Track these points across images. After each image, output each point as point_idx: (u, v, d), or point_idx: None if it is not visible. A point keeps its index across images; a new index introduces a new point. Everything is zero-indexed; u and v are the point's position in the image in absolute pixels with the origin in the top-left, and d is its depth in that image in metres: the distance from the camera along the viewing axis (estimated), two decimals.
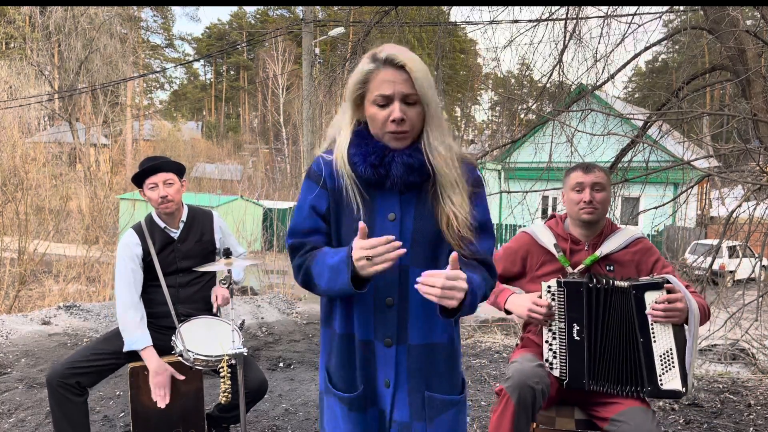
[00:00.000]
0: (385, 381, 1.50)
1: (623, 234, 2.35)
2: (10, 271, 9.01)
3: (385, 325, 1.48)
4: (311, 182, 1.54)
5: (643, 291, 2.10)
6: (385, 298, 1.48)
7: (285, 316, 6.76)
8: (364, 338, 1.50)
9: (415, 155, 1.45)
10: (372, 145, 1.46)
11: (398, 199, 1.49)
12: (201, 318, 2.74)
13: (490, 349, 5.57)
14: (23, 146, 13.77)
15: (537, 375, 2.10)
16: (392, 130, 1.43)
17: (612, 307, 2.16)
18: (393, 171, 1.44)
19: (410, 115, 1.43)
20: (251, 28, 48.60)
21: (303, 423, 3.58)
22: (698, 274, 4.87)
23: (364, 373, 1.51)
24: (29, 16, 28.12)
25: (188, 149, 38.65)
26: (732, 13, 4.23)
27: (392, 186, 1.46)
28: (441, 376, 1.52)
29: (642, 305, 2.10)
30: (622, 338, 2.15)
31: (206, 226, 2.88)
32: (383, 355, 1.49)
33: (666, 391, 2.08)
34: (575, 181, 2.31)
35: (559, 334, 2.22)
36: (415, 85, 1.41)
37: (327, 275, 1.42)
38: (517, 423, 2.06)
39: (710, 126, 7.89)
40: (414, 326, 1.49)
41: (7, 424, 3.47)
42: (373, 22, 6.23)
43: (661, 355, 2.09)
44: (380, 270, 1.32)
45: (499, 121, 22.42)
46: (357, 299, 1.48)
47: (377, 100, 1.43)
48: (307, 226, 1.53)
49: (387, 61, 1.43)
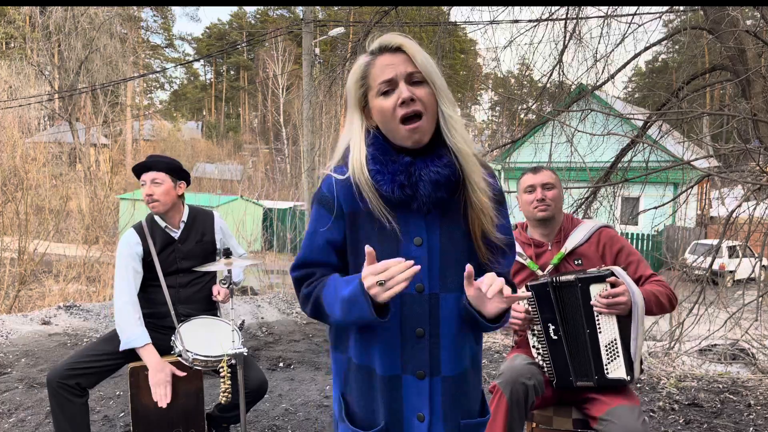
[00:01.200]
0: (418, 415, 1.38)
1: (585, 226, 2.38)
2: (10, 271, 9.01)
3: (415, 357, 1.37)
4: (322, 209, 1.40)
5: (588, 284, 2.12)
6: (416, 329, 1.36)
7: (285, 316, 6.76)
8: (388, 374, 1.37)
9: (442, 169, 1.33)
10: (398, 162, 1.34)
11: (424, 220, 1.37)
12: (201, 318, 2.74)
13: (490, 349, 5.57)
14: (23, 146, 13.78)
15: (529, 372, 2.11)
16: (403, 114, 1.30)
17: (567, 302, 2.18)
18: (420, 190, 1.32)
19: (419, 94, 1.30)
20: (251, 28, 48.58)
21: (303, 423, 3.58)
22: (698, 274, 4.87)
23: (387, 408, 1.39)
24: (29, 16, 28.12)
25: (188, 149, 38.65)
26: (732, 13, 4.24)
27: (420, 207, 1.35)
28: (472, 400, 1.46)
29: (587, 297, 2.13)
30: (581, 332, 2.18)
31: (207, 226, 2.88)
32: (414, 388, 1.38)
33: (611, 379, 2.12)
34: (526, 184, 2.38)
35: (538, 337, 2.24)
36: (417, 63, 1.31)
37: (341, 307, 1.30)
38: (511, 419, 2.07)
39: (710, 126, 7.89)
40: (446, 357, 1.39)
41: (7, 424, 3.48)
42: (373, 22, 6.23)
43: (606, 345, 2.12)
44: (395, 293, 1.21)
45: (499, 121, 22.40)
46: (379, 332, 1.36)
47: (381, 89, 1.32)
48: (319, 259, 1.41)
49: (382, 48, 1.35)
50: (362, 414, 1.42)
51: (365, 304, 1.24)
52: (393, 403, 1.38)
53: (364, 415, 1.41)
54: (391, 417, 1.39)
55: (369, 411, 1.41)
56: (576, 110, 5.14)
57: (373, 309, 1.23)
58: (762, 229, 4.62)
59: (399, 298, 1.35)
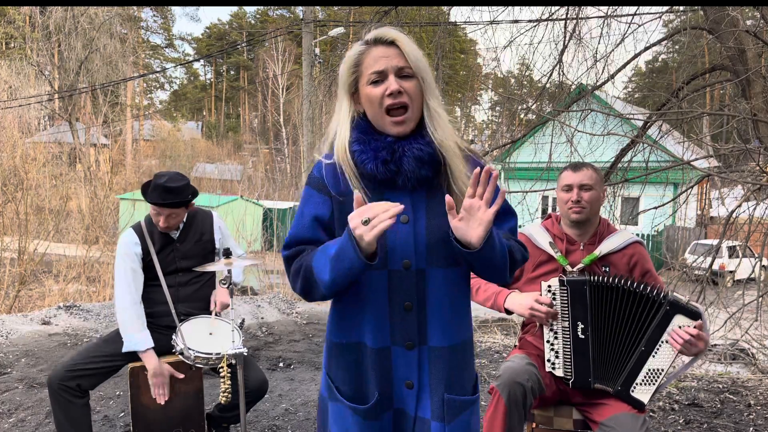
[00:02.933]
0: (406, 383, 1.46)
1: (621, 235, 2.35)
2: (10, 271, 9.01)
3: (404, 329, 1.44)
4: (312, 189, 1.48)
5: (677, 311, 2.05)
6: (404, 303, 1.43)
7: (285, 316, 6.76)
8: (379, 346, 1.44)
9: (425, 147, 1.40)
10: (380, 140, 1.41)
11: (410, 198, 1.43)
12: (201, 317, 2.74)
13: (490, 349, 5.57)
14: (23, 146, 13.78)
15: (527, 372, 2.10)
16: (390, 104, 1.37)
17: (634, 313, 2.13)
18: (405, 166, 1.39)
19: (407, 87, 1.38)
20: (251, 28, 48.60)
21: (303, 423, 3.58)
22: (698, 274, 4.87)
23: (378, 380, 1.46)
24: (29, 16, 28.11)
25: (188, 149, 38.67)
26: (732, 13, 4.24)
27: (404, 183, 1.41)
28: (459, 377, 1.50)
29: (666, 322, 2.06)
30: (626, 342, 2.14)
31: (206, 226, 2.88)
32: (404, 358, 1.45)
33: (631, 398, 2.09)
34: (564, 182, 2.34)
35: (562, 333, 2.21)
36: (408, 59, 1.38)
37: (330, 266, 1.33)
38: (510, 421, 2.06)
39: (710, 126, 7.89)
40: (436, 329, 1.45)
41: (7, 424, 3.47)
42: (373, 22, 6.23)
43: (650, 371, 2.09)
44: (380, 231, 1.23)
45: (499, 121, 22.41)
46: (369, 307, 1.43)
47: (371, 78, 1.39)
48: (307, 236, 1.46)
49: (377, 40, 1.41)
50: (353, 392, 1.48)
51: (352, 249, 1.27)
52: (384, 373, 1.45)
53: (356, 393, 1.48)
54: (382, 388, 1.45)
55: (361, 388, 1.48)
56: (576, 110, 5.14)
57: (360, 252, 1.27)
58: (762, 229, 4.62)
59: (387, 274, 1.41)
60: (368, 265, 1.30)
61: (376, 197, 1.42)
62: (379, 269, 1.41)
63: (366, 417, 1.46)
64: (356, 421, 1.47)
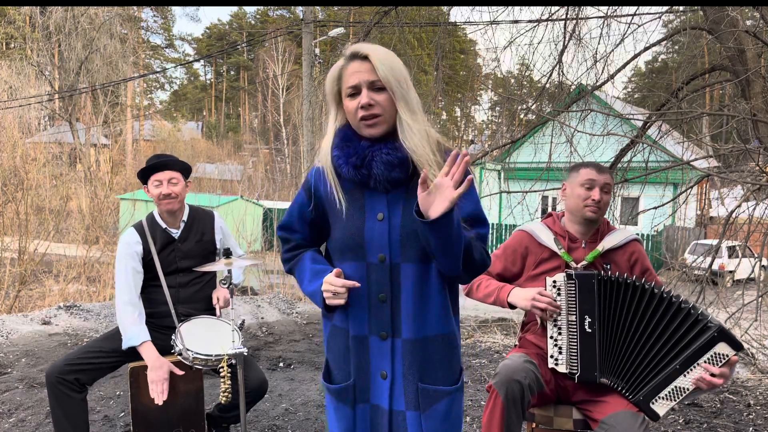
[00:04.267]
0: (381, 373, 1.57)
1: (621, 233, 2.39)
2: (10, 271, 9.01)
3: (379, 319, 1.56)
4: (302, 190, 1.67)
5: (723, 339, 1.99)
6: (379, 294, 1.55)
7: (285, 316, 6.76)
8: (357, 333, 1.58)
9: (393, 152, 1.51)
10: (353, 146, 1.53)
11: (386, 198, 1.56)
12: (201, 318, 2.74)
13: (490, 349, 5.58)
14: (23, 146, 13.77)
15: (524, 370, 2.10)
16: (362, 116, 1.49)
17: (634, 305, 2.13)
18: (374, 170, 1.51)
19: (378, 99, 1.49)
20: (251, 28, 48.60)
21: (303, 423, 3.59)
22: (698, 274, 4.87)
23: (356, 366, 1.58)
24: (29, 16, 28.11)
25: (188, 149, 38.64)
26: (732, 14, 4.24)
27: (376, 185, 1.53)
28: (434, 367, 1.57)
29: (709, 347, 2.00)
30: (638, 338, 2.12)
31: (207, 226, 2.88)
32: (378, 348, 1.56)
33: (649, 409, 2.08)
34: (587, 178, 2.33)
35: (568, 328, 2.21)
36: (378, 74, 1.47)
37: (306, 291, 1.63)
38: (508, 418, 2.06)
39: (710, 126, 7.90)
40: (406, 321, 1.54)
41: (7, 424, 3.48)
42: (373, 22, 6.23)
43: (676, 388, 2.06)
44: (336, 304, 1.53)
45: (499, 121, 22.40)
46: (352, 297, 1.57)
47: (348, 92, 1.52)
48: (294, 226, 1.70)
49: (353, 55, 1.52)
50: (339, 373, 1.63)
51: (320, 303, 1.58)
52: (361, 361, 1.58)
53: (340, 374, 1.63)
54: (359, 374, 1.59)
55: (345, 370, 1.61)
56: (576, 110, 5.14)
57: (324, 307, 1.58)
58: (762, 229, 4.62)
59: (365, 267, 1.57)
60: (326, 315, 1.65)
61: (356, 197, 1.57)
62: (359, 261, 1.56)
63: (339, 399, 1.61)
64: (334, 405, 1.63)
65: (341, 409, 1.61)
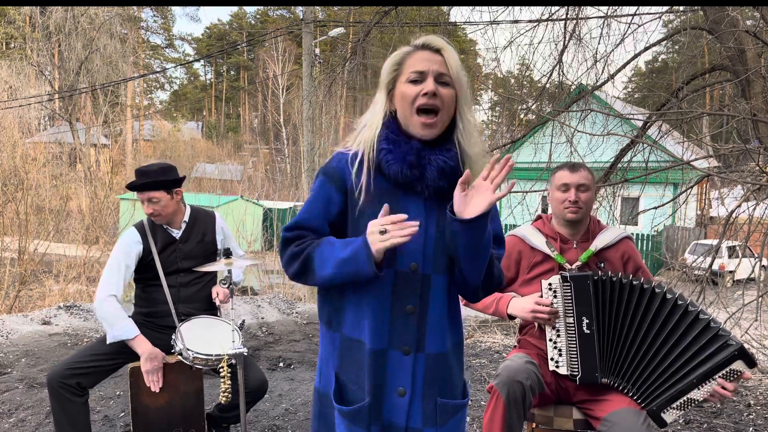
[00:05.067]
0: (399, 390, 1.45)
1: (612, 231, 2.39)
2: (10, 271, 9.01)
3: (404, 333, 1.44)
4: (326, 180, 1.48)
5: (741, 357, 1.99)
6: (406, 306, 1.44)
7: (285, 316, 6.76)
8: (376, 347, 1.43)
9: (449, 160, 1.43)
10: (408, 144, 1.43)
11: (423, 205, 1.46)
12: (201, 318, 2.74)
13: (490, 349, 5.57)
14: (23, 146, 13.78)
15: (526, 371, 2.10)
16: (422, 104, 1.40)
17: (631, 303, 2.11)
18: (427, 173, 1.42)
19: (443, 93, 1.41)
20: (251, 28, 48.60)
21: (303, 423, 3.59)
22: (698, 274, 4.87)
23: (371, 382, 1.44)
24: (29, 16, 28.11)
25: (188, 149, 38.65)
26: (732, 14, 4.24)
27: (421, 189, 1.43)
28: (451, 381, 1.51)
29: (728, 364, 1.99)
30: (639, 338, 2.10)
31: (208, 226, 2.88)
32: (398, 363, 1.44)
33: (660, 417, 2.07)
34: (561, 181, 2.33)
35: (567, 330, 2.20)
36: (450, 69, 1.43)
37: (337, 264, 1.37)
38: (509, 419, 2.06)
39: (710, 126, 7.90)
40: (432, 335, 1.46)
41: (7, 424, 3.48)
42: (373, 22, 6.23)
43: (688, 399, 2.05)
44: (392, 245, 1.30)
45: (499, 121, 22.39)
46: (371, 308, 1.43)
47: (411, 77, 1.43)
48: (313, 225, 1.48)
49: (424, 45, 1.46)
50: (354, 391, 1.46)
51: (365, 256, 1.33)
52: (377, 377, 1.43)
53: (355, 393, 1.46)
54: (375, 391, 1.43)
55: (361, 388, 1.45)
56: (576, 110, 5.14)
57: (372, 261, 1.32)
58: (762, 229, 4.62)
59: (393, 275, 1.42)
60: (375, 275, 1.35)
61: (390, 198, 1.44)
62: (387, 268, 1.41)
63: (353, 421, 1.43)
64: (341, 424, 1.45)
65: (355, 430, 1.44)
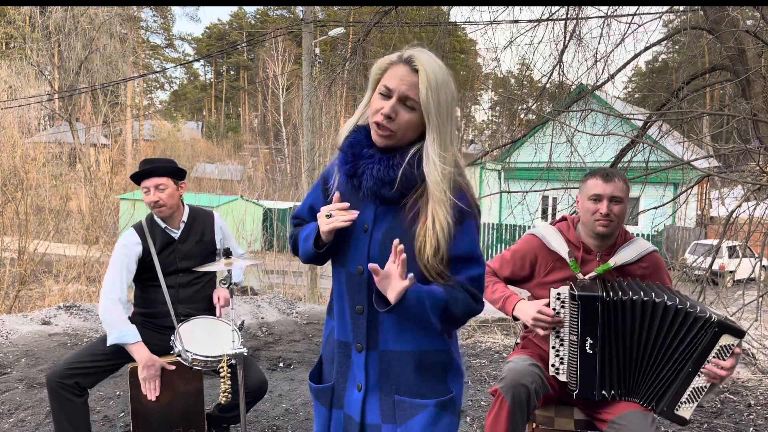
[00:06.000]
0: (357, 385, 1.53)
1: (637, 246, 2.27)
2: (10, 271, 9.01)
3: (357, 331, 1.52)
4: (318, 181, 1.66)
5: (724, 331, 1.98)
6: (356, 306, 1.51)
7: (285, 316, 6.75)
8: (343, 339, 1.56)
9: (387, 169, 1.43)
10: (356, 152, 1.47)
11: (374, 210, 1.50)
12: (201, 318, 2.74)
13: (490, 349, 5.57)
14: (23, 146, 13.77)
15: (531, 374, 2.08)
16: (377, 121, 1.42)
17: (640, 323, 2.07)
18: (364, 182, 1.45)
19: (401, 116, 1.41)
20: (251, 28, 48.61)
21: (303, 423, 3.58)
22: (698, 274, 4.87)
23: (338, 372, 1.57)
24: (29, 16, 28.10)
25: (188, 149, 38.66)
26: (732, 13, 4.24)
27: (363, 196, 1.49)
28: (416, 381, 1.50)
29: (714, 342, 1.99)
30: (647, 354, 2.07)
31: (207, 226, 2.88)
32: (356, 359, 1.53)
33: (676, 415, 2.05)
34: (593, 191, 2.20)
35: (570, 345, 2.15)
36: (420, 93, 1.38)
37: (301, 241, 1.59)
38: (513, 423, 2.05)
39: (710, 126, 7.89)
40: (384, 333, 1.50)
41: (7, 424, 3.47)
42: (373, 22, 6.23)
43: (694, 389, 2.04)
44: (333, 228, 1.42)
45: (499, 121, 22.41)
46: (340, 304, 1.56)
47: (381, 89, 1.43)
48: (303, 216, 1.69)
49: (406, 59, 1.43)
50: (326, 373, 1.63)
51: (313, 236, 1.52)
52: (343, 368, 1.57)
53: (326, 375, 1.63)
54: (339, 380, 1.58)
55: (330, 373, 1.61)
56: (576, 110, 5.14)
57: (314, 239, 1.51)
58: (762, 229, 4.62)
59: (345, 276, 1.53)
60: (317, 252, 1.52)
61: (353, 201, 1.51)
62: (341, 268, 1.54)
63: (317, 398, 1.61)
64: (312, 399, 1.64)
65: (319, 409, 1.61)
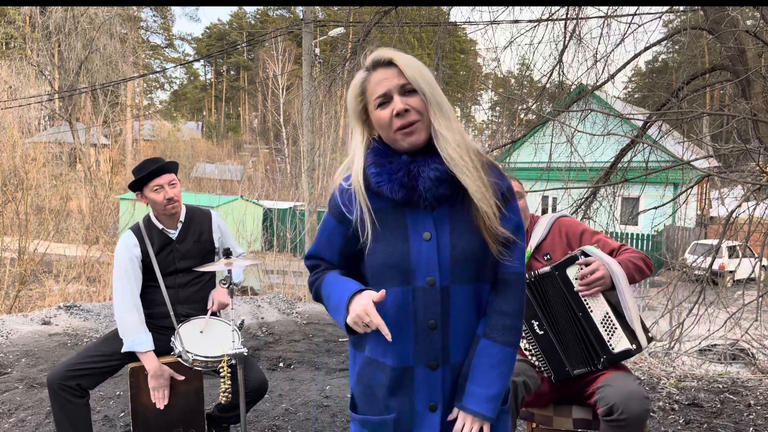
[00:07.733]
0: (430, 405, 1.45)
1: (543, 221, 2.39)
2: (10, 271, 9.01)
3: (428, 348, 1.43)
4: (330, 217, 1.54)
5: (564, 269, 2.14)
6: (428, 322, 1.42)
7: (285, 316, 6.75)
8: (400, 365, 1.44)
9: (440, 165, 1.39)
10: (396, 162, 1.41)
11: (431, 217, 1.44)
12: (200, 318, 2.73)
13: None
14: (23, 146, 13.77)
15: (518, 368, 2.11)
16: (399, 125, 1.38)
17: (549, 294, 2.19)
18: (420, 186, 1.39)
19: (413, 103, 1.38)
20: (251, 28, 48.60)
21: (303, 423, 3.59)
22: (698, 274, 4.87)
23: (397, 400, 1.45)
24: (29, 16, 28.11)
25: (188, 149, 38.63)
26: (732, 13, 4.24)
27: (423, 202, 1.41)
28: None
29: (568, 283, 2.14)
30: (569, 319, 2.18)
31: (204, 225, 2.87)
32: (426, 378, 1.44)
33: (618, 353, 2.12)
34: None
35: (527, 337, 2.25)
36: (406, 75, 1.38)
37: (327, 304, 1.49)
38: None
39: (710, 126, 7.90)
40: (455, 346, 1.45)
41: (7, 424, 3.48)
42: (373, 22, 6.23)
43: (601, 322, 2.13)
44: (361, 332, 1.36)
45: (499, 121, 22.40)
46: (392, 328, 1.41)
47: (377, 102, 1.41)
48: (322, 254, 1.58)
49: (375, 64, 1.43)
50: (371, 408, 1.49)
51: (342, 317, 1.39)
52: (404, 394, 1.45)
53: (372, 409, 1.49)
54: (402, 408, 1.45)
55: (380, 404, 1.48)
56: (576, 110, 5.14)
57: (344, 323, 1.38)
58: (762, 229, 4.62)
59: (411, 292, 1.42)
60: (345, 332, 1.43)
61: (397, 216, 1.44)
62: (404, 286, 1.42)
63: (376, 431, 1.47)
64: None
65: None
